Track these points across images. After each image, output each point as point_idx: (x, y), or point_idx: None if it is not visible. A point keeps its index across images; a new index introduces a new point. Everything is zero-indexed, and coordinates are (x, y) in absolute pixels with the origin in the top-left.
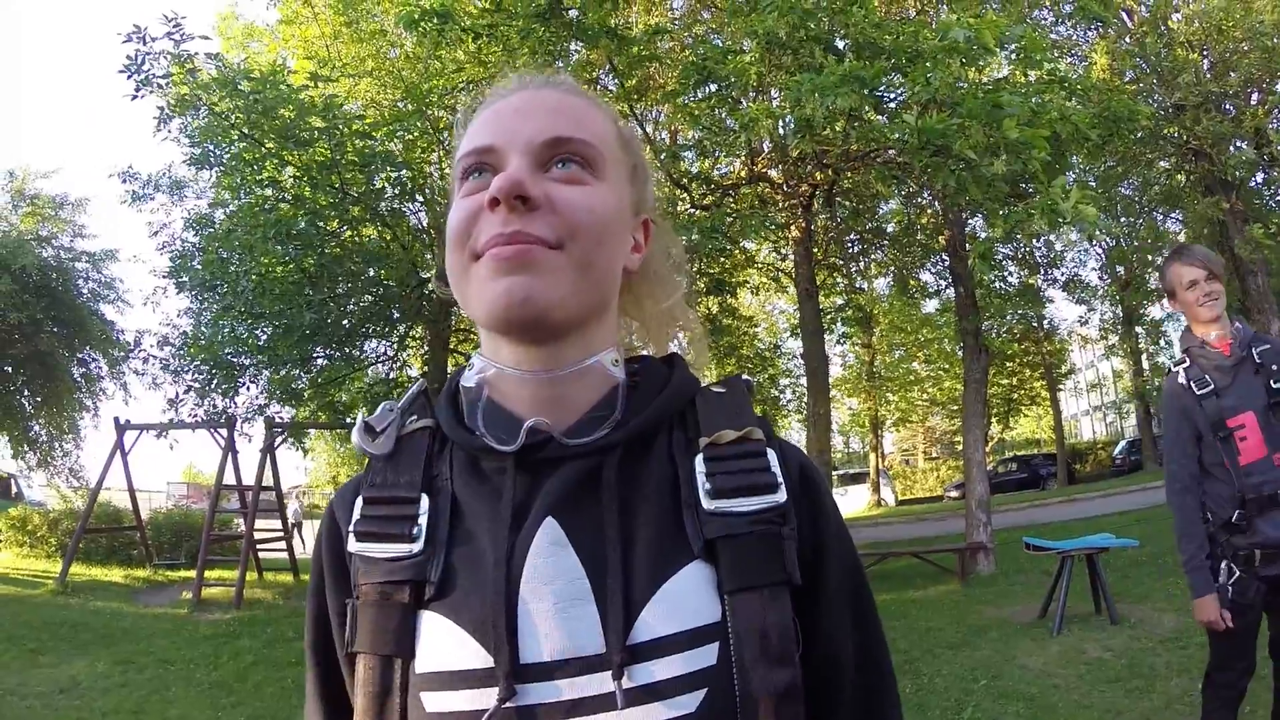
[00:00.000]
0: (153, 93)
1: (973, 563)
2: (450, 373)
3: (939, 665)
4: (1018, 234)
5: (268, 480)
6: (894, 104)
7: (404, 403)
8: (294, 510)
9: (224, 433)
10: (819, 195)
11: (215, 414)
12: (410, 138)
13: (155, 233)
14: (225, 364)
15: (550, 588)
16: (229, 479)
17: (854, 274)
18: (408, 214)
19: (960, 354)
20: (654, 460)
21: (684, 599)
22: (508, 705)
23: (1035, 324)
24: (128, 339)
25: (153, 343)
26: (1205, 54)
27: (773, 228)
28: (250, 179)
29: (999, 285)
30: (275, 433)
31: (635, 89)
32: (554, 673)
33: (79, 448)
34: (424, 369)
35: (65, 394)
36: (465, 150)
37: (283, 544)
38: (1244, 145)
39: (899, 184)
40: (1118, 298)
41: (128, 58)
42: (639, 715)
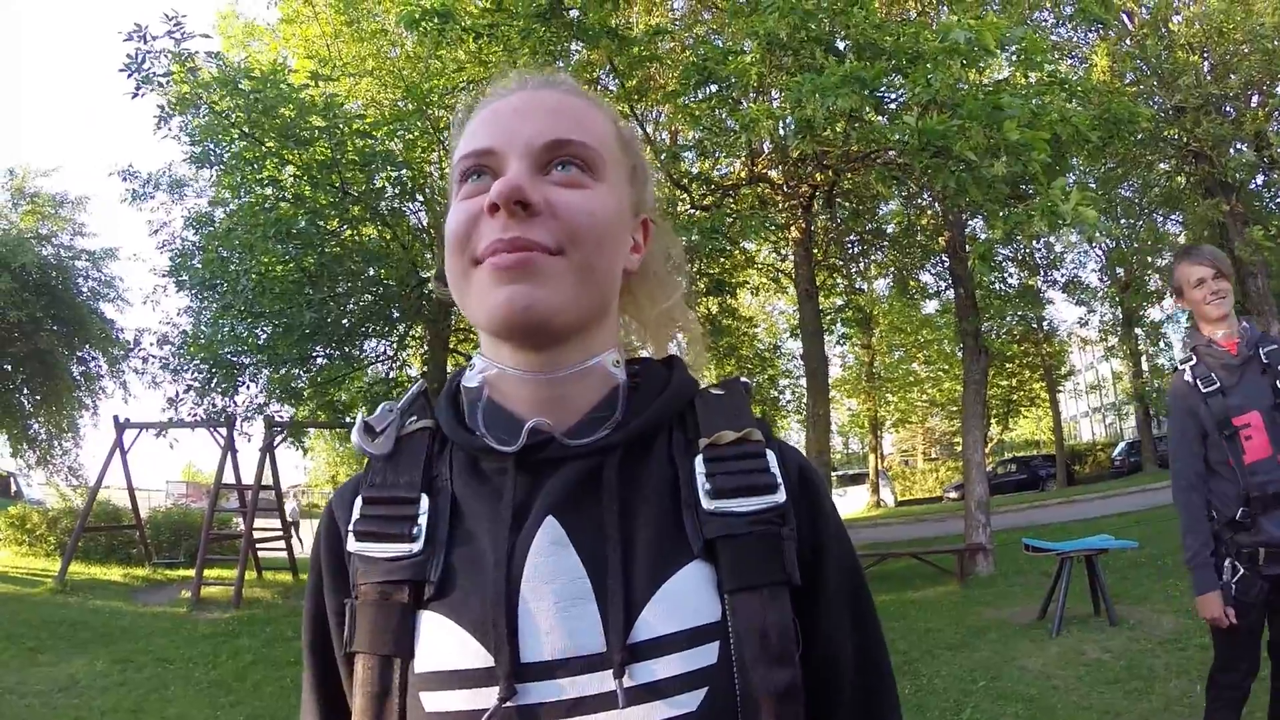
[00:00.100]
0: (153, 91)
1: (972, 564)
2: (450, 372)
3: (938, 666)
4: (1018, 235)
5: (267, 479)
6: (894, 105)
7: (404, 403)
8: (291, 509)
9: (223, 432)
10: (819, 196)
11: (215, 413)
12: (410, 137)
13: (155, 231)
14: (225, 363)
15: (551, 587)
16: (228, 478)
17: (854, 275)
18: (408, 213)
19: (960, 355)
20: (654, 461)
21: (684, 598)
22: (508, 704)
23: (1035, 325)
24: (127, 338)
25: (152, 341)
26: (1206, 56)
27: (773, 228)
28: (250, 178)
29: (999, 286)
30: (275, 432)
31: (636, 89)
32: (555, 672)
33: (78, 446)
34: (424, 368)
35: (65, 392)
36: (464, 152)
37: (282, 543)
38: (1244, 148)
39: (899, 185)
40: (1118, 299)
41: (128, 56)
42: (640, 714)
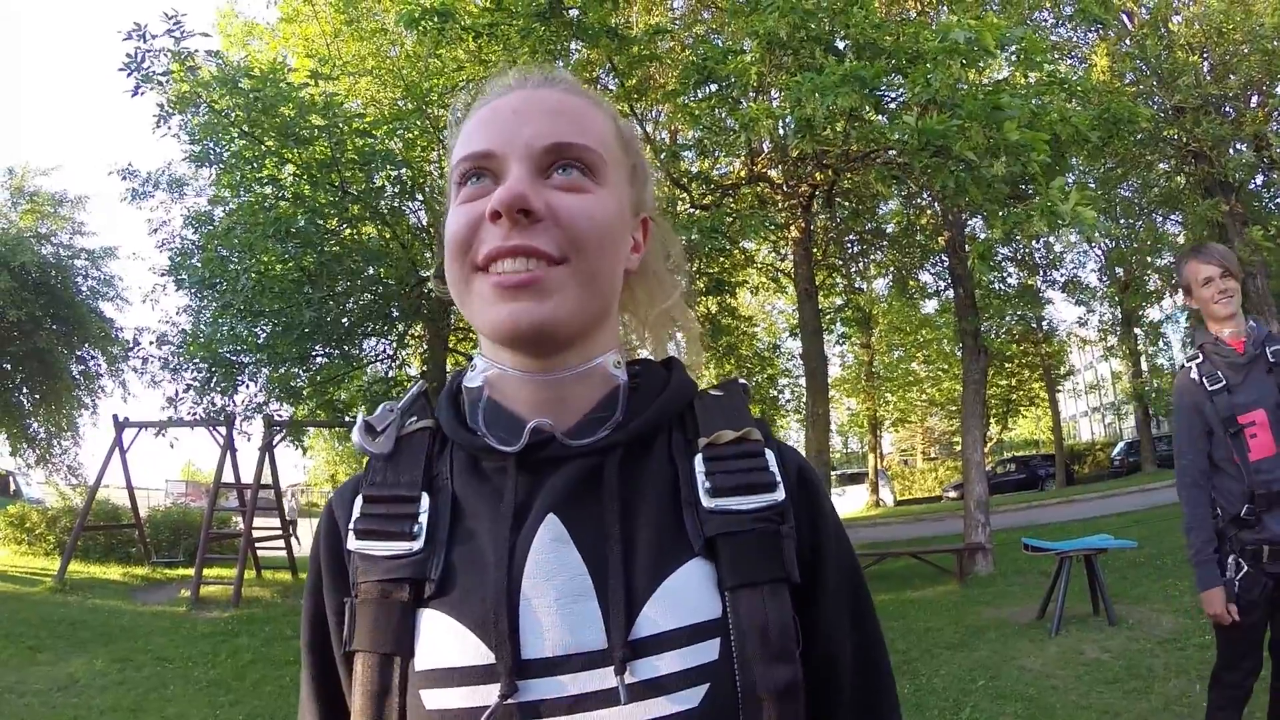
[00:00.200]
0: (153, 90)
1: (971, 563)
2: (449, 371)
3: (937, 666)
4: (1017, 235)
5: (266, 478)
6: (894, 105)
7: (404, 403)
8: (289, 509)
9: (223, 431)
10: (819, 195)
11: (214, 412)
12: (410, 136)
13: (155, 230)
14: (224, 362)
15: (552, 584)
16: (228, 477)
17: (853, 274)
18: (407, 212)
19: (959, 354)
20: (654, 460)
21: (685, 595)
22: (509, 701)
23: (1034, 325)
24: (127, 337)
25: (151, 341)
26: (1205, 56)
27: (772, 228)
28: (250, 177)
29: (998, 286)
30: (274, 431)
31: (635, 88)
32: (556, 668)
33: (77, 445)
34: (423, 367)
35: (64, 391)
36: (462, 154)
37: (281, 542)
38: (1244, 148)
39: (899, 185)
40: (1117, 299)
41: (128, 55)
42: (642, 710)
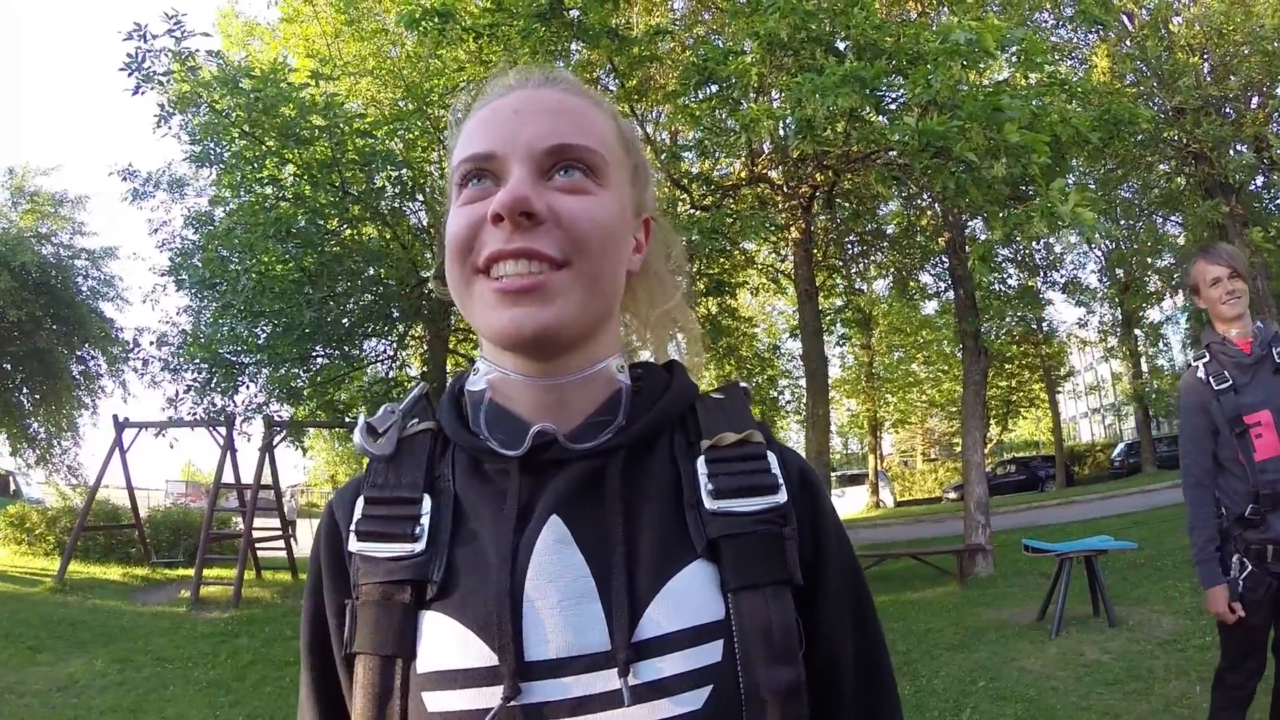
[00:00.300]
0: (153, 90)
1: (971, 564)
2: (450, 372)
3: (937, 667)
4: (1017, 236)
5: (266, 479)
6: (895, 106)
7: (405, 405)
8: (288, 509)
9: (223, 431)
10: (819, 196)
11: (214, 412)
12: (411, 137)
13: (155, 230)
14: (225, 362)
15: (555, 586)
16: (228, 477)
17: (854, 275)
18: (408, 213)
19: (959, 356)
20: (656, 463)
21: (688, 596)
22: (512, 703)
23: (1034, 326)
24: (127, 337)
25: (151, 341)
26: (1206, 58)
27: (773, 229)
28: (250, 177)
29: (998, 287)
30: (274, 431)
31: (636, 89)
32: (559, 670)
33: (77, 445)
34: (424, 368)
35: (64, 391)
36: (463, 155)
37: (281, 543)
38: (1244, 149)
39: (899, 186)
40: (1117, 300)
41: (128, 55)
42: (646, 712)
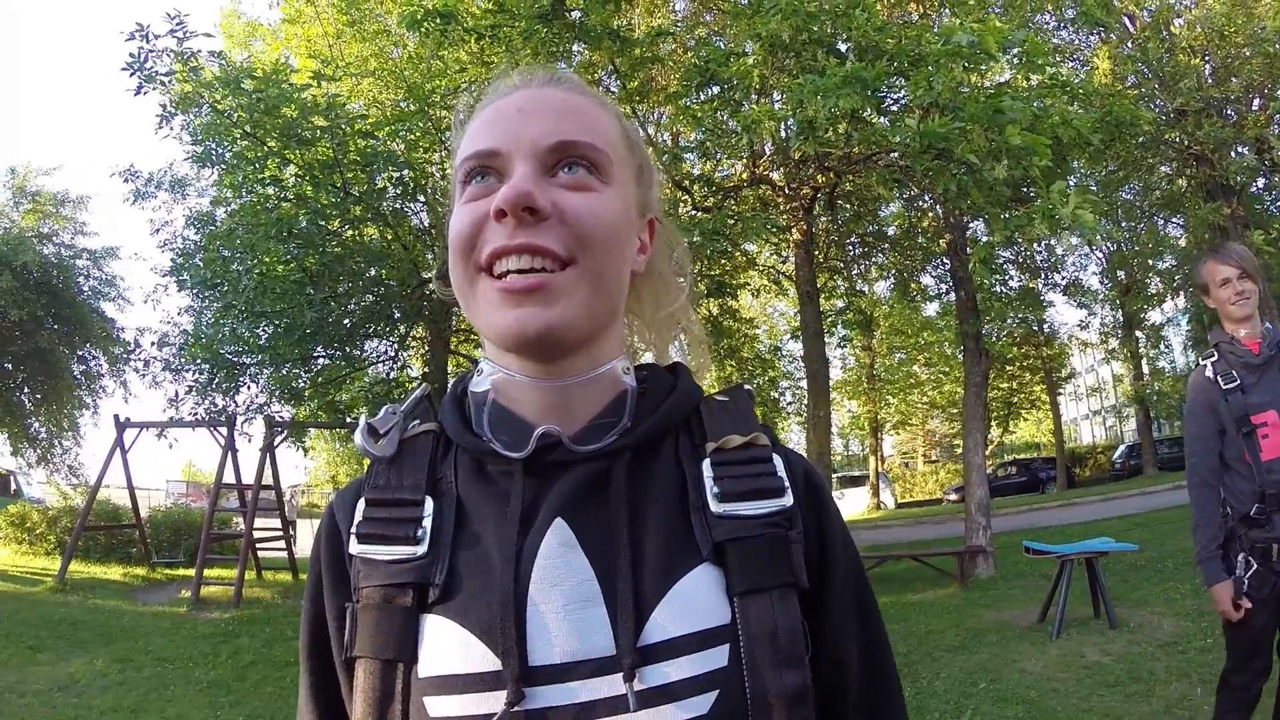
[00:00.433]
0: (155, 90)
1: (972, 566)
2: (451, 373)
3: (938, 668)
4: (1018, 238)
5: (267, 479)
6: (896, 107)
7: (407, 406)
8: (288, 509)
9: (224, 431)
10: (820, 198)
11: (215, 412)
12: (412, 137)
13: (156, 230)
14: (226, 362)
15: (559, 589)
16: (229, 478)
17: (855, 277)
18: (409, 214)
19: (960, 357)
20: (661, 465)
21: (693, 600)
22: (516, 709)
23: (1036, 328)
24: (128, 337)
25: (152, 342)
26: (1207, 59)
27: (774, 230)
28: (252, 177)
29: (1000, 289)
30: (275, 432)
31: (637, 91)
32: (564, 675)
33: (78, 445)
34: (425, 369)
35: (65, 391)
36: (467, 153)
37: (282, 543)
38: (1245, 151)
39: (900, 187)
40: (1118, 302)
41: (130, 55)
42: (652, 717)
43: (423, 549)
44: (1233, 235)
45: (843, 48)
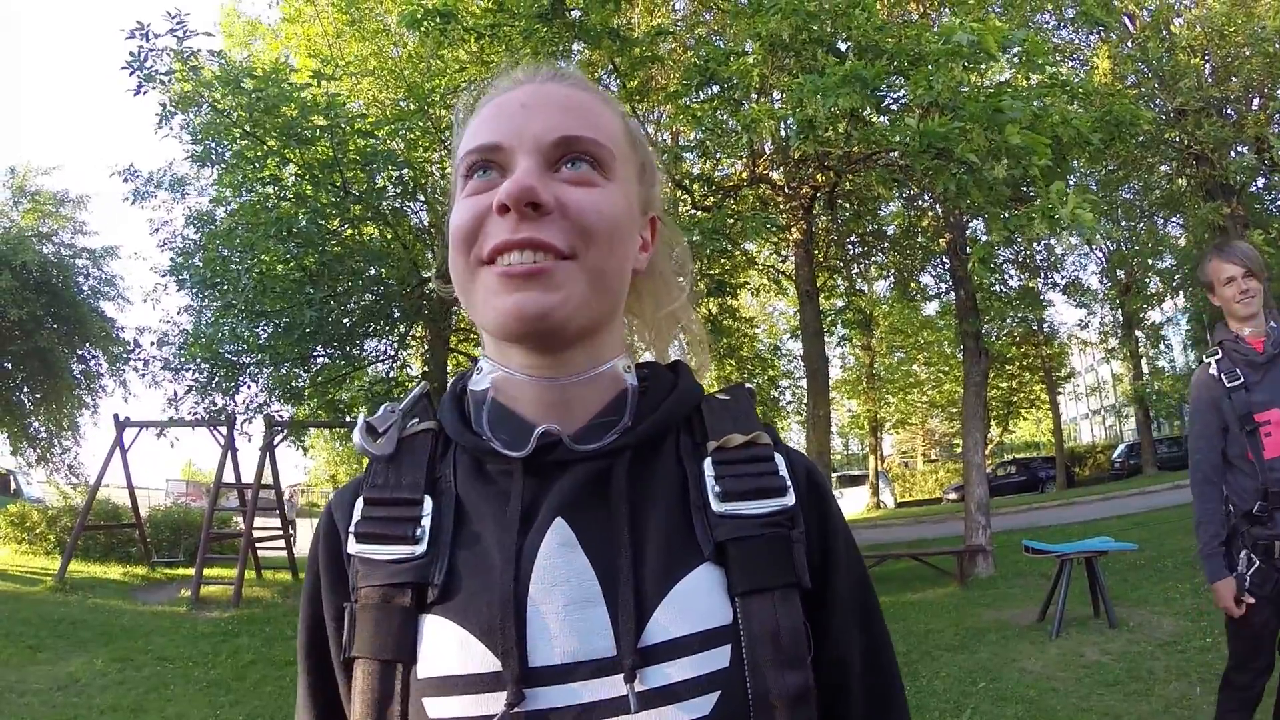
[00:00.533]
0: (155, 89)
1: (971, 565)
2: (451, 373)
3: (937, 667)
4: (1018, 238)
5: (267, 479)
6: (896, 106)
7: (405, 404)
8: (288, 509)
9: (223, 431)
10: (820, 197)
11: (215, 412)
12: (412, 137)
13: (156, 230)
14: (225, 362)
15: (560, 589)
16: (228, 477)
17: (854, 276)
18: (409, 213)
19: (960, 357)
20: (662, 464)
21: (695, 601)
22: (516, 710)
23: (1035, 327)
24: (128, 336)
25: (152, 342)
26: (1207, 59)
27: (774, 229)
28: (252, 177)
29: (999, 289)
30: (275, 431)
31: (637, 90)
32: (565, 676)
33: (78, 444)
34: (425, 368)
35: (65, 391)
36: (469, 147)
37: (282, 542)
38: (1245, 150)
39: (900, 187)
40: (1118, 301)
41: (130, 54)
42: (653, 718)
43: (422, 548)
44: (1232, 235)
45: (842, 47)
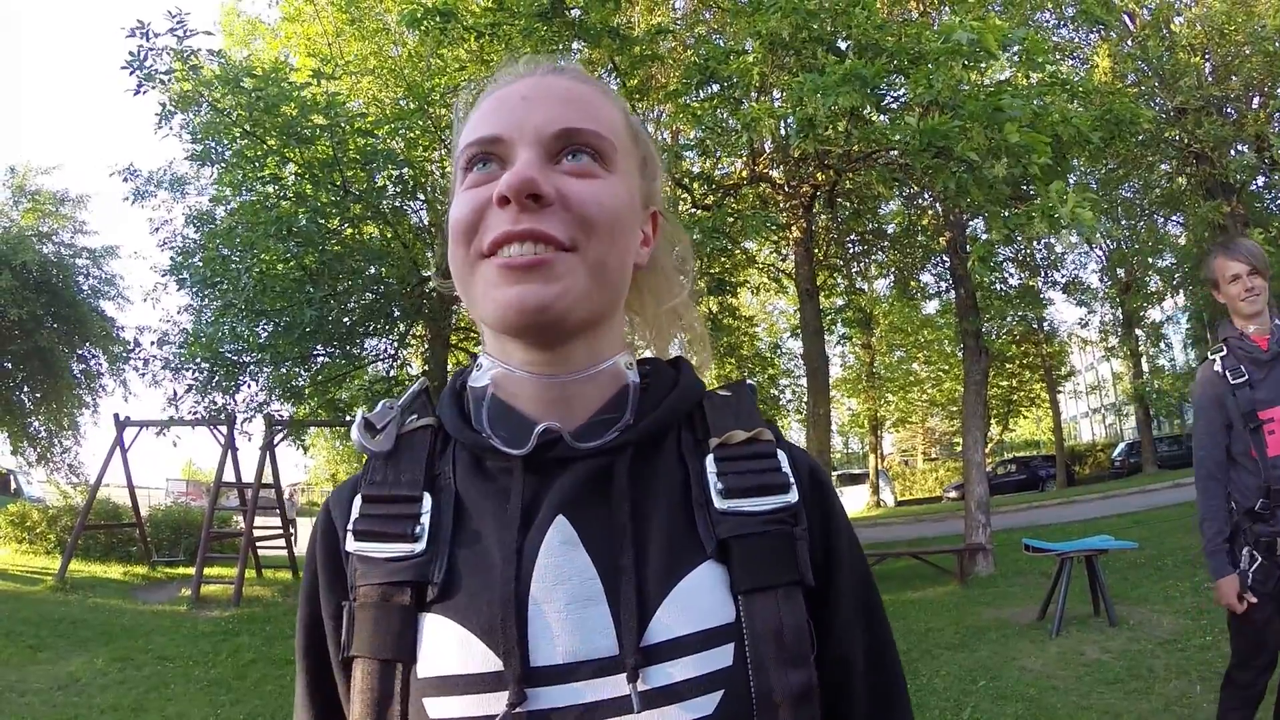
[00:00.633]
0: (155, 89)
1: (972, 564)
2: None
3: (938, 666)
4: (1018, 236)
5: (267, 478)
6: (896, 105)
7: (404, 400)
8: (288, 508)
9: (224, 430)
10: (820, 196)
11: (215, 411)
12: (412, 136)
13: (156, 229)
14: (226, 361)
15: (561, 588)
16: (229, 476)
17: (854, 275)
18: (409, 212)
19: (960, 355)
20: (664, 461)
21: (697, 599)
22: (518, 710)
23: (1035, 326)
24: (128, 336)
25: (152, 341)
26: (1207, 58)
27: (774, 228)
28: (251, 176)
29: (999, 287)
30: (275, 430)
31: (637, 89)
32: (566, 676)
33: (78, 444)
34: (425, 367)
35: (65, 390)
36: (470, 139)
37: (282, 541)
38: (1245, 149)
39: (900, 185)
40: (1118, 300)
41: (130, 53)
42: (656, 718)
43: (421, 546)
44: (1232, 233)
45: (842, 45)
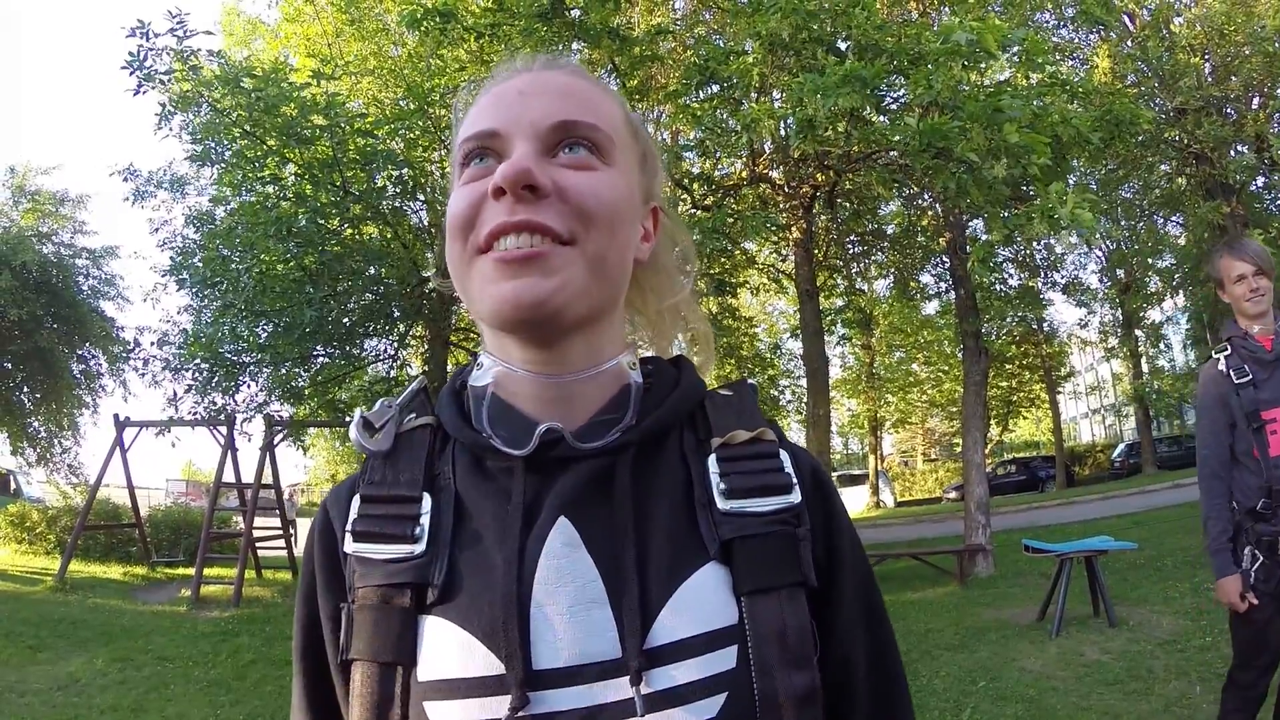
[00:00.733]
0: (155, 89)
1: (971, 564)
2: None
3: (937, 667)
4: (1017, 237)
5: (267, 478)
6: (895, 106)
7: (403, 399)
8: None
9: (223, 430)
10: (820, 196)
11: (215, 411)
12: (412, 136)
13: (156, 229)
14: (225, 361)
15: (564, 590)
16: (228, 476)
17: (854, 275)
18: (409, 212)
19: (960, 356)
20: (666, 461)
21: (701, 601)
22: (521, 714)
23: (1035, 327)
24: (127, 336)
25: (152, 342)
26: (1207, 58)
27: (774, 229)
28: (251, 176)
29: (999, 288)
30: (275, 430)
31: (637, 89)
32: (569, 679)
33: (78, 444)
34: (424, 367)
35: (65, 390)
36: (466, 134)
37: (282, 542)
38: (1245, 150)
39: (900, 186)
40: (1118, 301)
41: (130, 53)
42: None
43: (421, 547)
44: (1232, 233)
45: (842, 46)
